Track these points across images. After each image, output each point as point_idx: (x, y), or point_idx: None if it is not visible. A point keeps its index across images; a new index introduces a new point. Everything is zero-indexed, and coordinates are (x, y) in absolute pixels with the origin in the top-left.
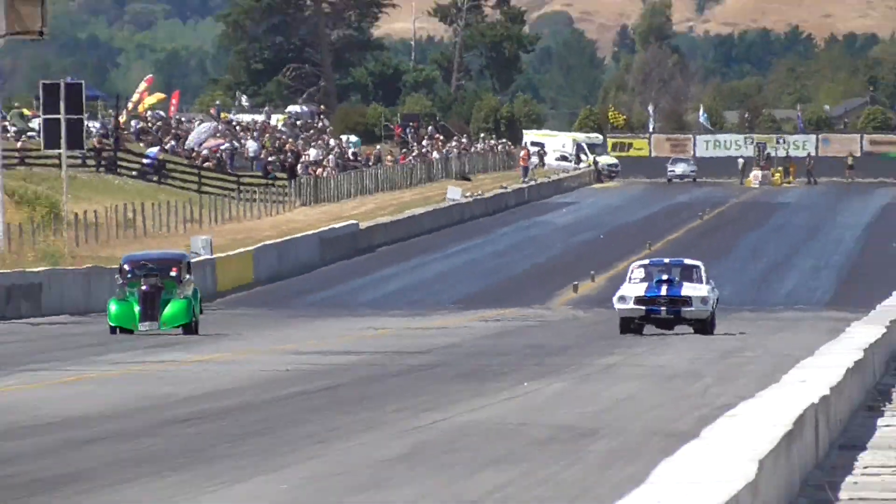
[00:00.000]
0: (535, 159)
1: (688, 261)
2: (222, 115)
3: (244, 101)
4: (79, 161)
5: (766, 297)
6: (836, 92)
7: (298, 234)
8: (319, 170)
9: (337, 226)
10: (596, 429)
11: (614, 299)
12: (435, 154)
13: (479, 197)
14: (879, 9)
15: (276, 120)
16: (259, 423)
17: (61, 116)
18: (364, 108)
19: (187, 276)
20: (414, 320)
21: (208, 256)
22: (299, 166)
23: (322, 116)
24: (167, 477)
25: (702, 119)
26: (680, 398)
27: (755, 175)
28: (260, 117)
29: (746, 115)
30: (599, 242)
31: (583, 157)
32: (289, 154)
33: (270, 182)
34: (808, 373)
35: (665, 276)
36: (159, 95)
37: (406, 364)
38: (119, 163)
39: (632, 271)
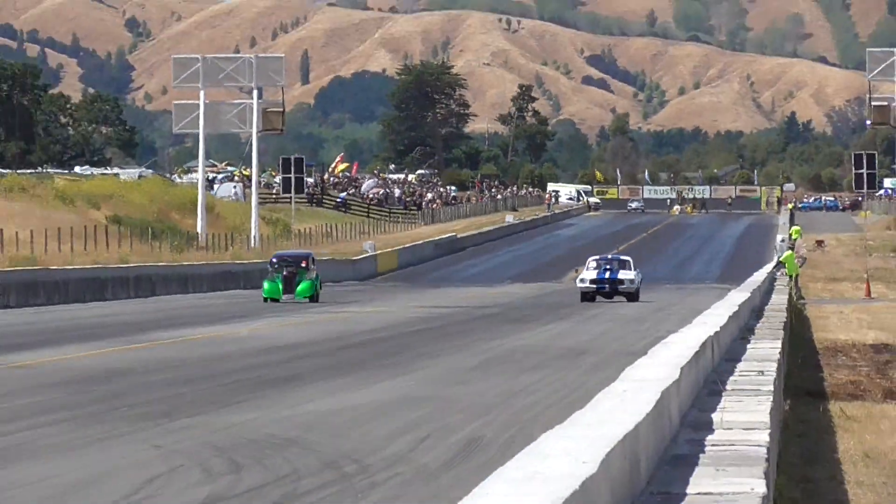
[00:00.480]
0: (553, 199)
1: (622, 256)
2: (381, 175)
3: (392, 167)
4: (303, 200)
5: (681, 276)
6: (721, 162)
7: (421, 241)
8: (434, 205)
9: (444, 236)
10: (586, 350)
11: (577, 281)
12: (499, 196)
13: (522, 220)
14: (744, 117)
15: (411, 177)
16: (396, 345)
17: (291, 175)
18: (460, 171)
19: (313, 266)
20: (487, 289)
21: (373, 253)
22: (424, 203)
23: (436, 176)
24: (347, 376)
25: (646, 177)
26: (634, 332)
27: (676, 208)
28: (401, 176)
29: (671, 176)
30: (589, 246)
31: (581, 198)
32: (418, 196)
33: (407, 211)
34: (707, 318)
35: (608, 266)
36: (346, 164)
37: (482, 313)
38: (323, 201)
39: (588, 262)
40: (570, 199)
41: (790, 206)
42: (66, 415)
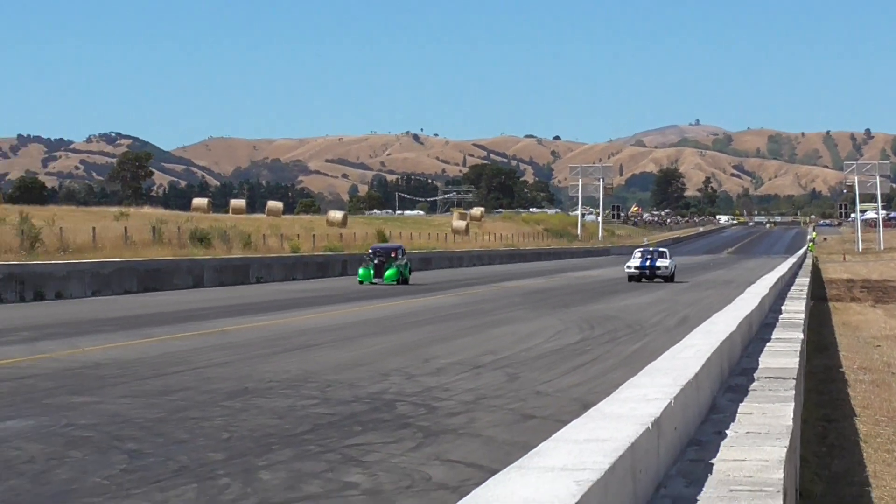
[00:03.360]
0: (718, 220)
1: (661, 248)
2: (641, 210)
3: (652, 209)
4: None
5: (769, 252)
6: (791, 207)
7: (668, 238)
8: (670, 220)
9: (681, 235)
10: (732, 281)
11: (624, 267)
12: (696, 219)
13: (707, 229)
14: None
15: (664, 212)
16: (479, 316)
17: (614, 212)
18: (684, 210)
19: (401, 257)
20: (692, 257)
21: (648, 242)
22: (666, 222)
23: (673, 214)
24: (431, 334)
25: (756, 213)
26: (751, 272)
27: (768, 225)
28: (660, 212)
29: (768, 211)
30: (733, 239)
31: (729, 220)
32: (662, 220)
33: (658, 227)
34: (780, 269)
35: (648, 256)
36: (637, 208)
37: (690, 264)
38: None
39: (635, 253)
40: (726, 221)
41: (812, 224)
42: (522, 306)
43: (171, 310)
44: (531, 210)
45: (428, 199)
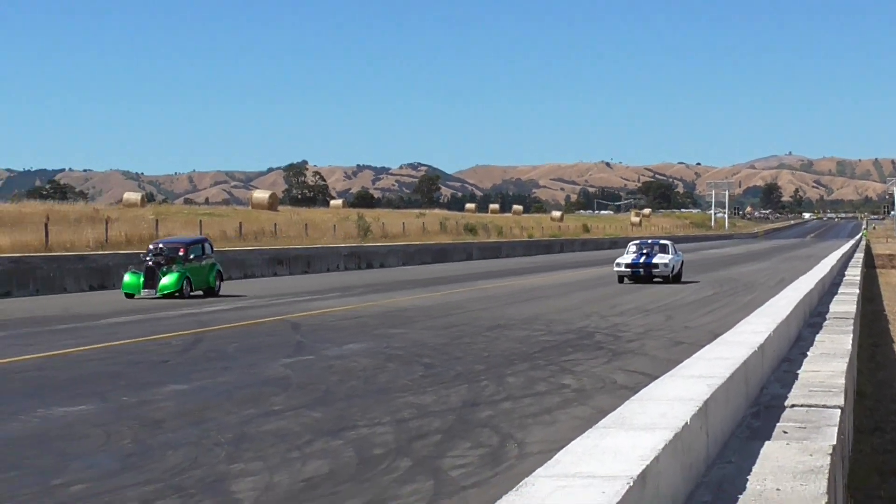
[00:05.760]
0: (802, 217)
1: (662, 241)
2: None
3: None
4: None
5: (836, 236)
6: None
7: (771, 228)
8: (772, 216)
9: (780, 226)
10: (812, 256)
11: (613, 264)
12: (789, 215)
13: (797, 222)
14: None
15: (767, 211)
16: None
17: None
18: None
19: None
20: (783, 240)
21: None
22: (770, 217)
23: (775, 212)
24: (617, 290)
25: (829, 212)
26: (825, 250)
27: (836, 220)
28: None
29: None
30: (814, 229)
31: (810, 216)
32: (765, 216)
33: (763, 219)
34: (843, 248)
35: (645, 250)
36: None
37: (775, 246)
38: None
39: (628, 246)
40: (808, 217)
41: (865, 219)
42: (565, 287)
43: (451, 275)
44: (681, 210)
45: (615, 203)
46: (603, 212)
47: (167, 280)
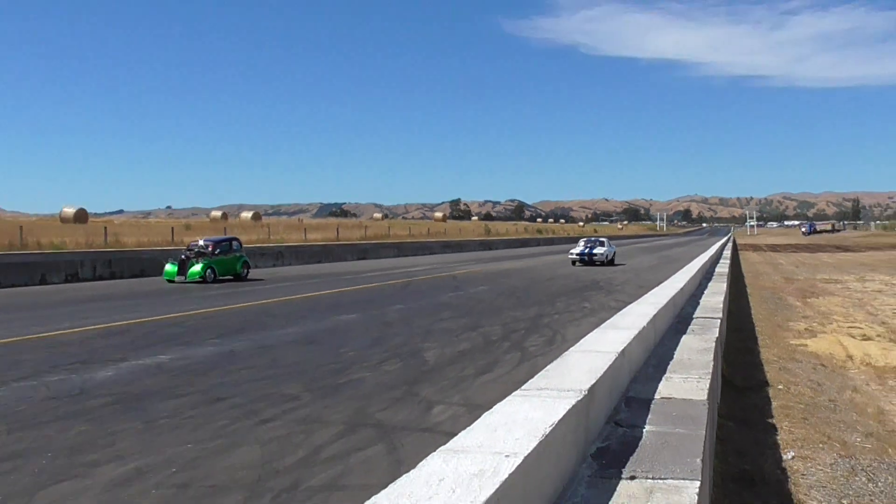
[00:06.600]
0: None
1: (601, 238)
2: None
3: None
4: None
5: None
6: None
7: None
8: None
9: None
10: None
11: (568, 253)
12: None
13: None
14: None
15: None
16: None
17: None
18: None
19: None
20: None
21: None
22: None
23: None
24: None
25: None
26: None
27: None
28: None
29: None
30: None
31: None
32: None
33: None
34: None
35: (588, 245)
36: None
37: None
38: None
39: (579, 241)
40: (705, 226)
41: (733, 227)
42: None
43: (529, 254)
44: (643, 222)
45: (610, 219)
46: (604, 222)
47: (193, 270)
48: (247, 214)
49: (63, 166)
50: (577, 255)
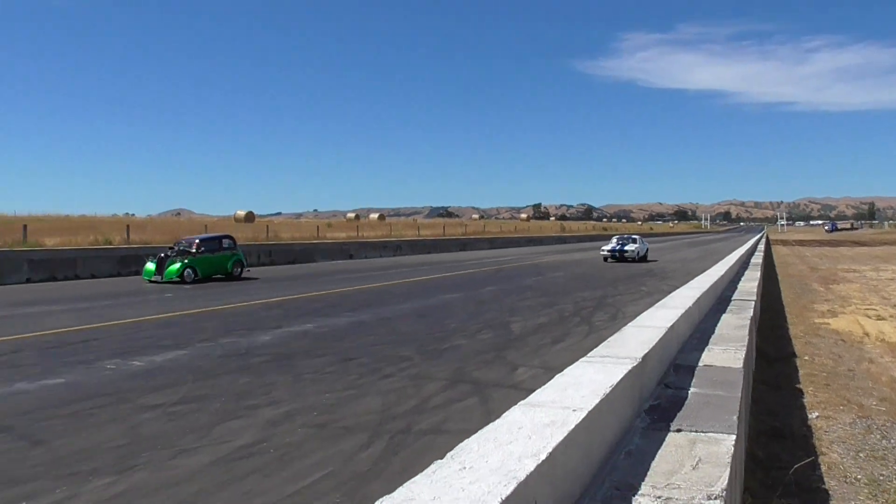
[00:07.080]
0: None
1: (634, 235)
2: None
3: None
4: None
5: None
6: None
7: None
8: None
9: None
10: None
11: (600, 250)
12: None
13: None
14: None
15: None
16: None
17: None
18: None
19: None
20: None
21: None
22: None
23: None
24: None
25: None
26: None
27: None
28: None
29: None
30: None
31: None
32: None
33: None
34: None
35: (621, 242)
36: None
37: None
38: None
39: (611, 239)
40: (742, 225)
41: (766, 226)
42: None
43: (595, 246)
44: (690, 222)
45: (664, 219)
46: (658, 221)
47: (170, 269)
48: (374, 215)
49: (235, 174)
50: (608, 251)
